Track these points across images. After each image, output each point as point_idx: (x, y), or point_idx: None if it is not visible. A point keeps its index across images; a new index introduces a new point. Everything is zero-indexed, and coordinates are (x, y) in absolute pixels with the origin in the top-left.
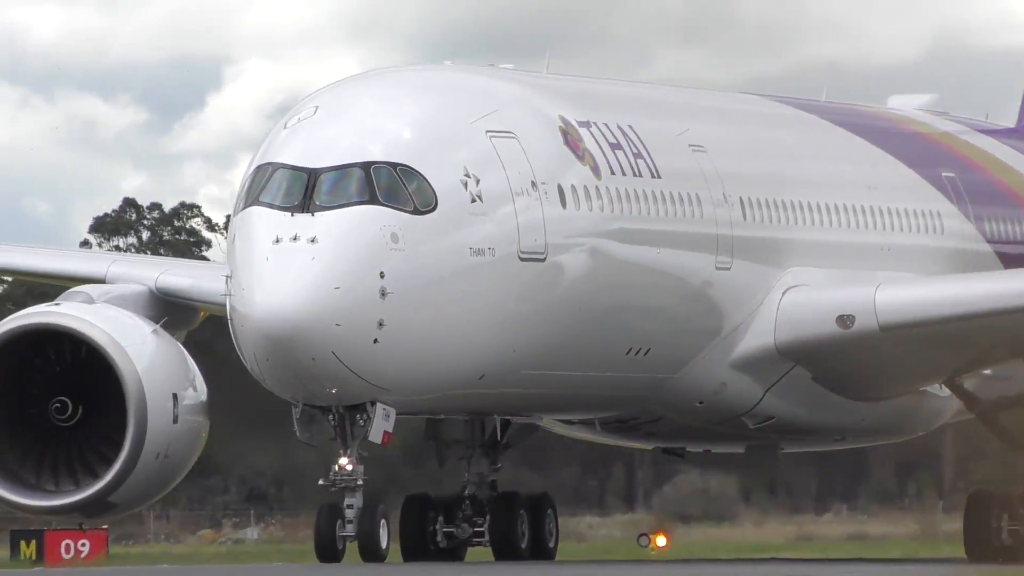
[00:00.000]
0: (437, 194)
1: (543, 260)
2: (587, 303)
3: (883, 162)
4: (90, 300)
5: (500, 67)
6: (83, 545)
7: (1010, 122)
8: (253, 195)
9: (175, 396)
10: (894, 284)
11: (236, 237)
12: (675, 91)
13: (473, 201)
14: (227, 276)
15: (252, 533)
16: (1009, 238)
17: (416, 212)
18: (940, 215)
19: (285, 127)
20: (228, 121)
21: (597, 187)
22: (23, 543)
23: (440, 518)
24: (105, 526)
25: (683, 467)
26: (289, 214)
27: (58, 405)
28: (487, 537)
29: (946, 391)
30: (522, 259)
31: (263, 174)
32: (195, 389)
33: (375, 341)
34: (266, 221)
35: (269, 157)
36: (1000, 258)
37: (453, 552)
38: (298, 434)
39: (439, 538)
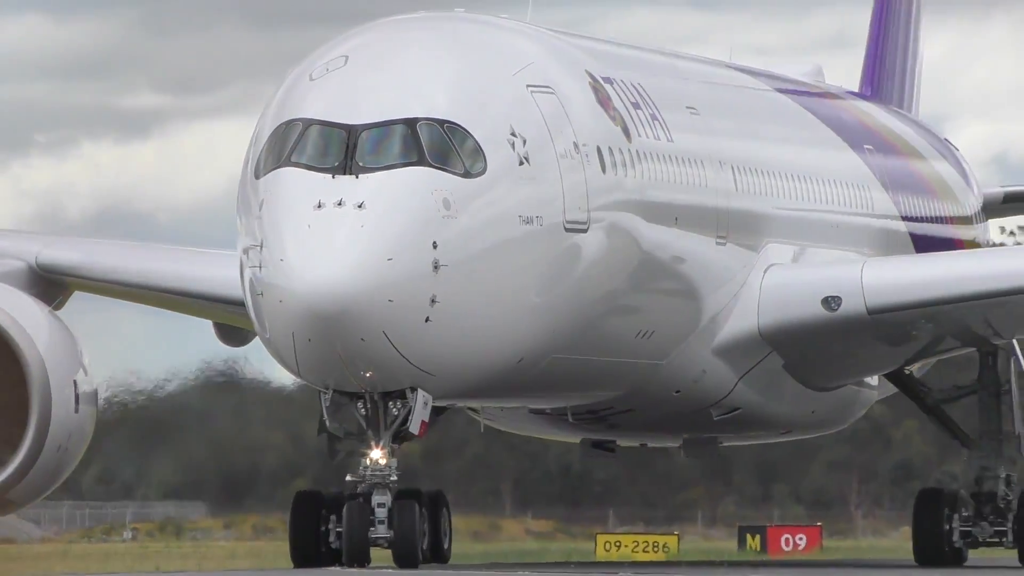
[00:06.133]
0: (486, 155)
1: (585, 231)
2: (617, 280)
3: (825, 135)
4: None
5: (503, 17)
6: (800, 539)
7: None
8: (282, 155)
9: (75, 383)
10: (880, 263)
11: (264, 202)
12: (654, 51)
13: (521, 164)
14: (251, 246)
15: None
16: (918, 214)
17: (466, 175)
18: (869, 188)
19: (311, 79)
20: None
21: (629, 150)
22: (748, 536)
23: (332, 517)
24: (819, 523)
25: None
26: (330, 176)
27: None
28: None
29: (874, 381)
30: (567, 229)
31: (292, 131)
32: (86, 374)
33: (427, 320)
34: (303, 184)
35: (297, 112)
36: (912, 238)
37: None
38: (328, 424)
39: (331, 539)
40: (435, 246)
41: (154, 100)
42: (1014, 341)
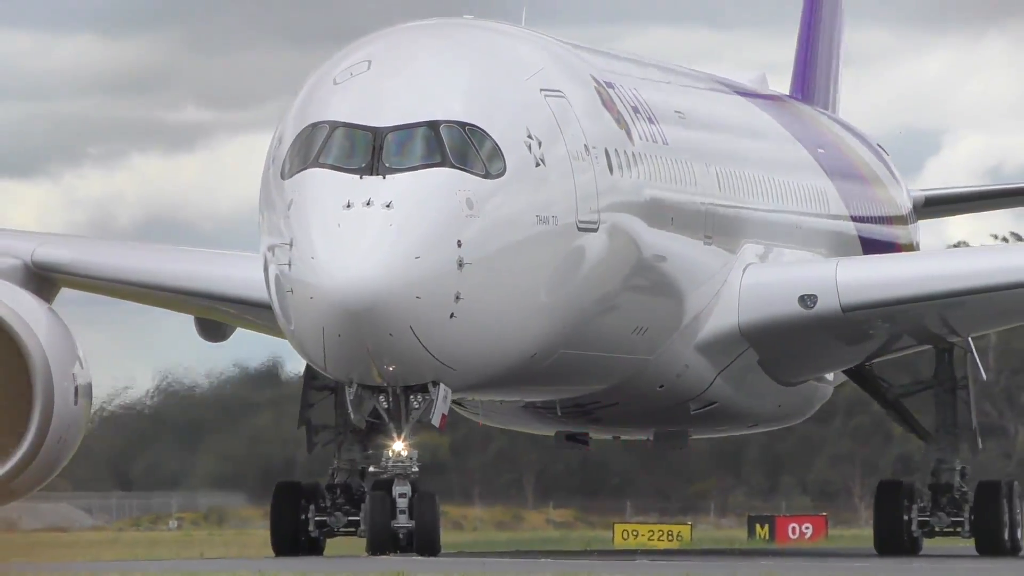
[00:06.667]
0: (505, 157)
1: (596, 230)
2: (620, 278)
3: (785, 138)
4: None
5: (508, 24)
6: (807, 528)
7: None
8: (309, 156)
9: (73, 375)
10: (853, 263)
11: (293, 202)
12: (636, 57)
13: (537, 165)
14: (278, 245)
15: None
16: (864, 215)
17: (487, 176)
18: (825, 190)
19: (335, 82)
20: None
21: (632, 153)
22: (757, 526)
23: (312, 506)
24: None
25: None
26: (357, 176)
27: None
28: (363, 526)
29: (831, 376)
30: (579, 228)
31: (319, 133)
32: (83, 367)
33: (451, 316)
34: (332, 184)
35: (322, 115)
36: (860, 239)
37: (317, 542)
38: (352, 417)
39: (311, 528)
40: (459, 244)
41: (198, 115)
42: (969, 339)
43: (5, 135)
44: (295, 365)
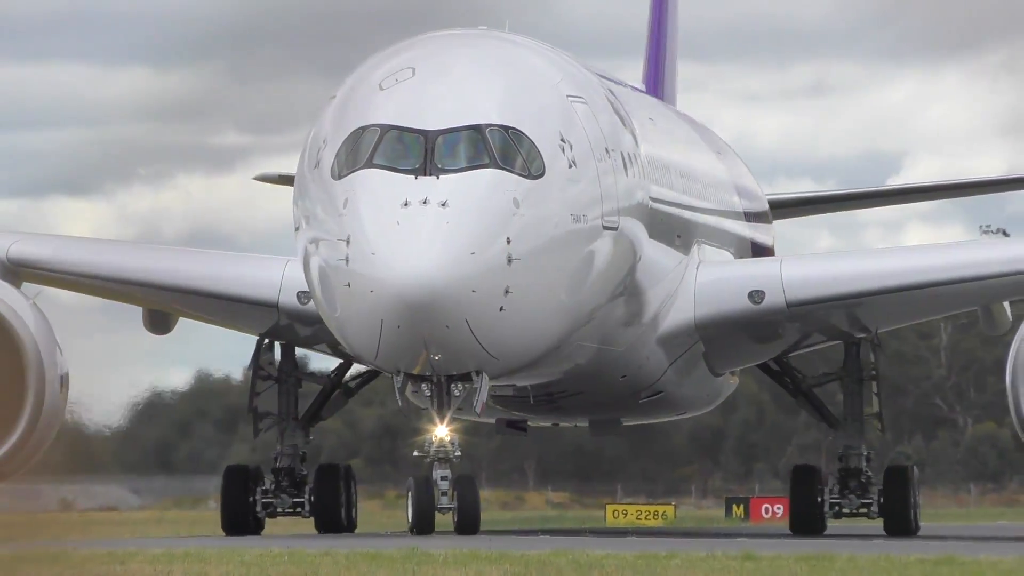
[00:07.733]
0: (544, 159)
1: (616, 229)
2: (625, 273)
3: (697, 141)
4: None
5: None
6: (778, 508)
7: None
8: (361, 157)
9: (58, 365)
10: (795, 261)
11: (348, 201)
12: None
13: (570, 167)
14: (329, 240)
15: None
16: (750, 213)
17: (530, 176)
18: (732, 191)
19: (381, 88)
20: None
21: (638, 155)
22: (734, 506)
23: (258, 489)
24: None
25: None
26: (412, 177)
27: None
28: (307, 508)
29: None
30: (604, 227)
31: (369, 135)
32: (62, 355)
33: (501, 309)
34: (389, 184)
35: (371, 118)
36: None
37: (263, 523)
38: (400, 403)
39: (258, 509)
40: (508, 241)
41: (238, 139)
42: (876, 333)
43: (65, 157)
44: (320, 362)
